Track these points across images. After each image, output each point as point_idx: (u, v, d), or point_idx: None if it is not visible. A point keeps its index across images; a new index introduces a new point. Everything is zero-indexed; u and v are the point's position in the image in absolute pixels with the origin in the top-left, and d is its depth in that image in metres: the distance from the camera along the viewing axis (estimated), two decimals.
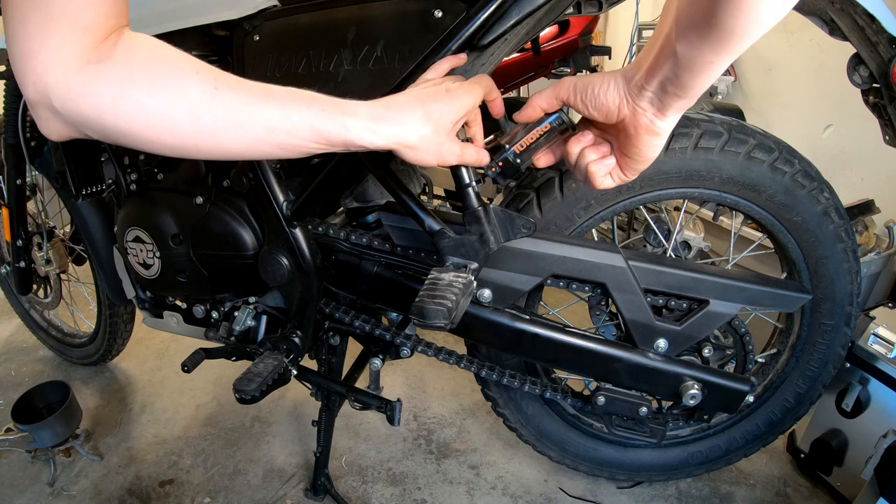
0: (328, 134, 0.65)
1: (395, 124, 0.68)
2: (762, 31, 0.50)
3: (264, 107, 0.62)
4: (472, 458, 1.45)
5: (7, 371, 1.88)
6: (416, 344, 1.08)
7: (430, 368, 1.80)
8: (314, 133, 0.65)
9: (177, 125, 0.58)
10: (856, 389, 1.22)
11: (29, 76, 0.53)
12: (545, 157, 0.81)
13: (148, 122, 0.57)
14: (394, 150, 0.69)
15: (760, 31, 0.49)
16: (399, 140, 0.68)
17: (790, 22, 2.21)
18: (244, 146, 0.63)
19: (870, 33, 0.90)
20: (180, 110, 0.58)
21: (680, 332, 0.98)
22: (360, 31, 0.90)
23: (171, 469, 1.43)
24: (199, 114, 0.59)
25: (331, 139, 0.66)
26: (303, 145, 0.65)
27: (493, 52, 0.90)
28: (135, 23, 1.01)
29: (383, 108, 0.69)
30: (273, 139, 0.63)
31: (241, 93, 0.61)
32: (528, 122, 0.81)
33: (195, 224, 1.07)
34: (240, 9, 0.96)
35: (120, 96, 0.55)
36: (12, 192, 1.44)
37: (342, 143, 0.67)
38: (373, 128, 0.67)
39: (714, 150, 0.98)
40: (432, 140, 0.70)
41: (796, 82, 2.32)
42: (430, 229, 0.85)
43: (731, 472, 1.39)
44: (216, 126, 0.60)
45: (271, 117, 0.62)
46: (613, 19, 3.62)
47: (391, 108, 0.69)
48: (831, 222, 1.05)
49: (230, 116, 0.60)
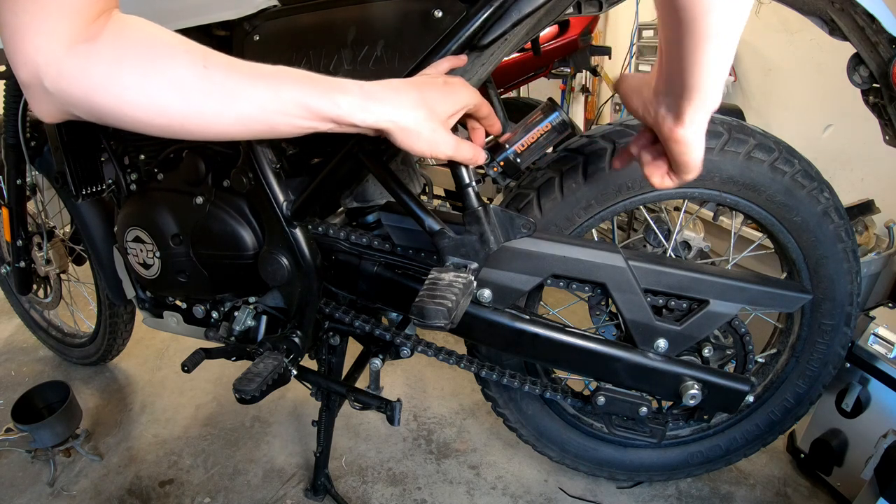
0: (318, 110, 0.65)
1: (388, 104, 0.67)
2: (723, 14, 0.50)
3: (254, 85, 0.62)
4: (472, 458, 1.45)
5: (7, 371, 1.88)
6: (416, 344, 1.08)
7: (430, 368, 1.80)
8: (304, 110, 0.64)
9: (167, 105, 0.59)
10: (856, 389, 1.22)
11: (20, 57, 0.53)
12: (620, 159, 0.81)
13: (138, 101, 0.57)
14: (385, 130, 0.68)
15: (719, 13, 0.50)
16: (390, 119, 0.67)
17: (790, 22, 2.22)
18: (235, 124, 0.63)
19: (870, 33, 0.90)
20: (170, 90, 0.58)
21: (680, 332, 0.98)
22: (360, 31, 0.90)
23: (171, 469, 1.43)
24: (189, 93, 0.59)
25: (321, 114, 0.65)
26: (293, 123, 0.65)
27: (493, 52, 0.90)
28: None
29: (378, 88, 0.68)
30: (264, 117, 0.63)
31: (232, 71, 0.61)
32: (529, 123, 0.81)
33: (195, 224, 1.07)
34: (240, 9, 0.96)
35: (109, 76, 0.56)
36: (12, 191, 1.44)
37: (333, 119, 0.66)
38: (364, 105, 0.66)
39: (714, 150, 0.98)
40: (425, 126, 0.69)
41: (796, 82, 2.32)
42: (430, 229, 0.85)
43: (731, 472, 1.39)
44: (206, 105, 0.60)
45: (262, 95, 0.62)
46: (613, 19, 3.62)
47: (386, 89, 0.68)
48: (831, 222, 1.05)
49: (220, 95, 0.60)
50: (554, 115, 0.84)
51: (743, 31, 0.54)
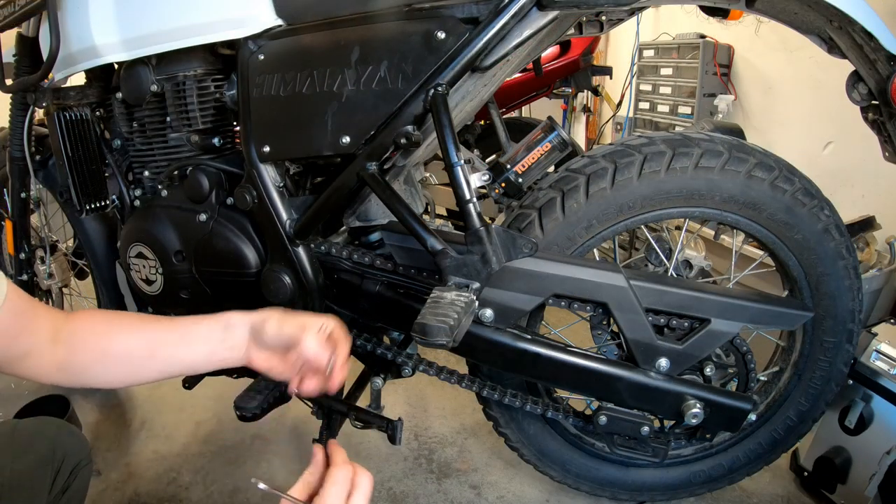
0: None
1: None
2: None
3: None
4: (473, 477, 1.44)
5: (7, 384, 1.88)
6: (418, 363, 1.08)
7: (431, 387, 1.79)
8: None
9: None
10: (859, 406, 1.22)
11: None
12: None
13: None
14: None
15: None
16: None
17: (789, 40, 2.24)
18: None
19: (868, 51, 0.91)
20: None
21: (682, 351, 0.98)
22: (364, 51, 0.91)
23: (170, 486, 1.42)
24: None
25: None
26: None
27: (495, 72, 0.91)
28: (140, 41, 1.03)
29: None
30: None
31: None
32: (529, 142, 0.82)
33: (198, 241, 1.08)
34: (245, 28, 0.98)
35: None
36: (16, 205, 1.45)
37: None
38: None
39: (714, 169, 0.99)
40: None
41: (796, 100, 2.34)
42: (433, 249, 0.85)
43: (735, 491, 1.38)
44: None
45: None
46: (614, 39, 3.65)
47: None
48: (832, 240, 1.05)
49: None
50: (553, 134, 0.86)
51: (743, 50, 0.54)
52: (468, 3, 0.84)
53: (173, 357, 0.78)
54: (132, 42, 1.02)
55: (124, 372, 0.77)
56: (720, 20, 1.07)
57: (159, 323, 0.80)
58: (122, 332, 0.77)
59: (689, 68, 2.68)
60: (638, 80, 3.09)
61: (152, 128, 1.13)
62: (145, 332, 0.77)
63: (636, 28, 3.08)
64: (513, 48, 0.85)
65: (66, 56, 1.06)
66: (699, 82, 2.60)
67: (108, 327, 0.77)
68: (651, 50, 2.96)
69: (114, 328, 0.77)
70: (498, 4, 0.83)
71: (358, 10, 0.91)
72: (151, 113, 1.12)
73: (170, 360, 0.78)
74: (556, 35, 1.06)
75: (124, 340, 0.76)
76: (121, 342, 0.76)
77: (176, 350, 0.78)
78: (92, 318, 0.79)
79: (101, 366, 0.76)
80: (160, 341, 0.77)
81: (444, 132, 0.84)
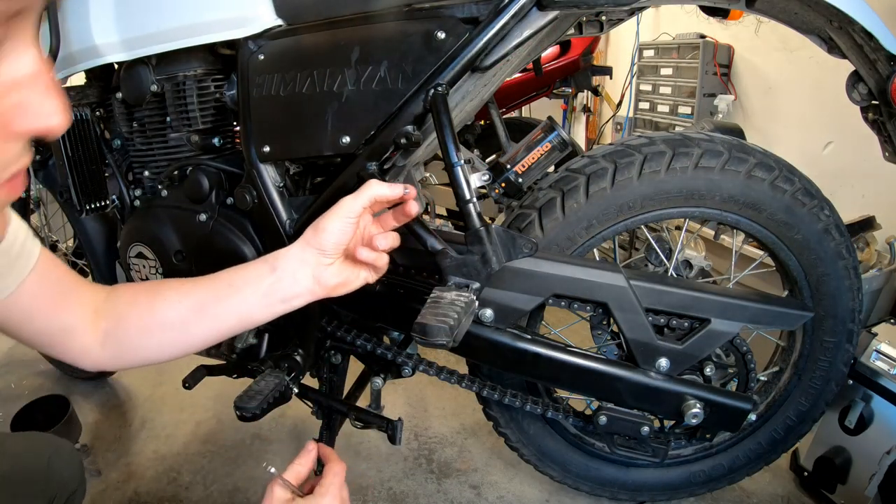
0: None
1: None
2: None
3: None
4: (473, 477, 1.44)
5: (7, 384, 1.88)
6: (418, 363, 1.08)
7: (431, 388, 1.79)
8: None
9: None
10: (859, 406, 1.22)
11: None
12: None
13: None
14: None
15: None
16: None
17: (789, 40, 2.23)
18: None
19: (868, 51, 0.91)
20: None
21: (682, 351, 0.98)
22: (364, 51, 0.91)
23: (170, 486, 1.42)
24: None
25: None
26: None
27: (495, 72, 0.91)
28: (140, 41, 1.03)
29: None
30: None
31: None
32: (529, 142, 0.82)
33: (198, 241, 1.08)
34: (245, 28, 0.97)
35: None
36: (16, 205, 1.45)
37: None
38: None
39: (714, 169, 0.99)
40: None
41: (796, 100, 2.34)
42: (433, 249, 0.85)
43: (735, 491, 1.38)
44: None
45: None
46: (614, 39, 3.65)
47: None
48: (832, 239, 1.05)
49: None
50: (553, 134, 0.86)
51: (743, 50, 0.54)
52: (468, 3, 0.84)
53: (225, 311, 0.75)
54: (132, 42, 1.02)
55: (174, 340, 0.74)
56: (720, 20, 1.07)
57: (200, 281, 0.77)
58: (165, 300, 0.74)
59: (689, 68, 2.68)
60: (638, 80, 3.09)
61: (152, 128, 1.13)
62: (188, 294, 0.75)
63: (636, 28, 3.08)
64: (513, 48, 0.85)
65: (66, 56, 1.06)
66: (699, 82, 2.60)
67: (149, 297, 0.74)
68: (651, 50, 2.96)
69: (156, 297, 0.74)
70: (498, 4, 0.83)
71: (358, 10, 0.91)
72: (151, 113, 1.12)
73: (221, 315, 0.74)
74: (556, 35, 1.06)
75: (168, 307, 0.73)
76: (165, 309, 0.73)
77: (226, 302, 0.75)
78: (133, 290, 0.76)
79: (148, 337, 0.73)
80: (205, 298, 0.74)
81: (444, 132, 0.84)
